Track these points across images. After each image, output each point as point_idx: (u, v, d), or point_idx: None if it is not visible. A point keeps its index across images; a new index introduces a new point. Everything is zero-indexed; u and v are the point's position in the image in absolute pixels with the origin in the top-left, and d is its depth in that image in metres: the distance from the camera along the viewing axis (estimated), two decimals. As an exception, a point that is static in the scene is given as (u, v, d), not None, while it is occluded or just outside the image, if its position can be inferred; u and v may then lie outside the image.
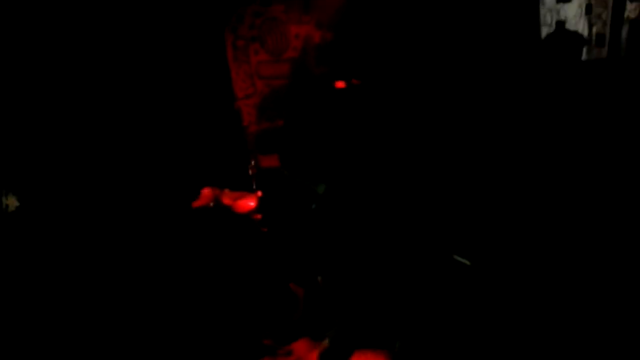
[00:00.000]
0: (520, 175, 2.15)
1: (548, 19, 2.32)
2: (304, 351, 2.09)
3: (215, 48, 3.05)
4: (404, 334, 2.05)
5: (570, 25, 2.30)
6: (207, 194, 2.62)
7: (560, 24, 2.29)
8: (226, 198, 2.66)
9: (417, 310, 2.14)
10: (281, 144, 2.51)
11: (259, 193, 2.65)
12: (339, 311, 2.19)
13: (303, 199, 2.42)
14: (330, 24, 2.79)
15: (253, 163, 2.78)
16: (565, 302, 1.90)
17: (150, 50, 2.90)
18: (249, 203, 2.58)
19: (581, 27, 2.29)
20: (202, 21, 2.98)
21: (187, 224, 2.55)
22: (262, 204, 2.59)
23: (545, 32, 2.25)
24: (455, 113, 2.37)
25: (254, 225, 2.55)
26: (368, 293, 2.20)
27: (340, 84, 2.65)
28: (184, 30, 2.94)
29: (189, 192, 2.71)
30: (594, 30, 2.28)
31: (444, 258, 2.21)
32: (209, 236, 2.50)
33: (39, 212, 2.62)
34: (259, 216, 2.58)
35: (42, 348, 2.07)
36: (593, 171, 2.02)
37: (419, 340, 2.02)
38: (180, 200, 2.70)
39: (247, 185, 2.71)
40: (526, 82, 2.23)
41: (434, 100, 2.40)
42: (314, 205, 2.34)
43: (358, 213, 2.27)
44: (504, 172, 2.17)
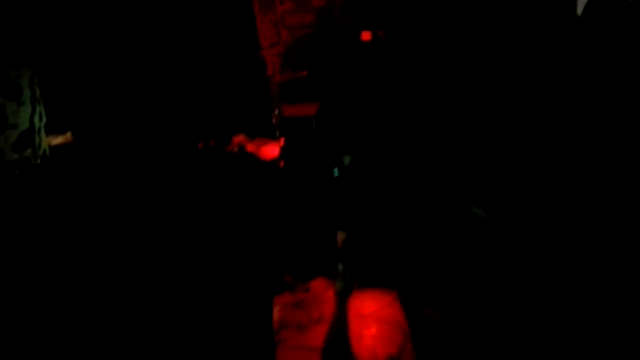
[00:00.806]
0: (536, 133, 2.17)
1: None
2: (321, 289, 2.22)
3: (241, -4, 3.06)
4: (413, 277, 2.17)
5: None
6: (234, 141, 2.71)
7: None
8: (250, 145, 2.75)
9: (431, 256, 2.24)
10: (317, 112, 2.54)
11: (282, 141, 2.72)
12: (357, 256, 2.30)
13: (329, 167, 2.48)
14: (357, -26, 2.76)
15: (277, 112, 2.84)
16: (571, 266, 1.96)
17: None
18: (272, 151, 2.66)
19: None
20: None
21: (212, 166, 2.66)
22: (285, 152, 2.67)
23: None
24: (481, 71, 2.37)
25: (276, 171, 2.64)
26: (387, 241, 2.30)
27: (366, 35, 2.64)
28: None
29: (216, 138, 2.80)
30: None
31: (462, 210, 2.29)
32: (232, 179, 2.61)
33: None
34: (282, 163, 2.67)
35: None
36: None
37: (427, 283, 2.14)
38: (207, 144, 2.80)
39: (271, 133, 2.79)
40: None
41: (460, 55, 2.40)
42: (337, 174, 2.41)
43: (382, 172, 2.33)
44: (521, 132, 2.20)
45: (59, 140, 2.98)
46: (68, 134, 2.95)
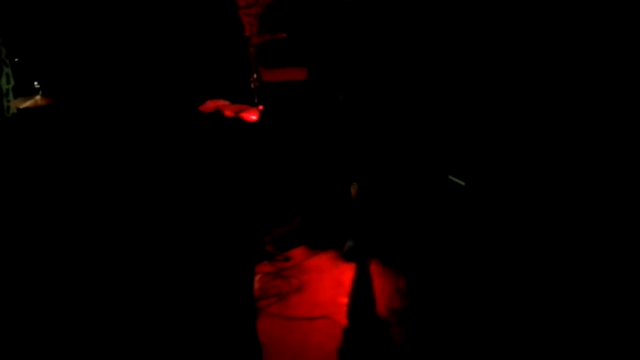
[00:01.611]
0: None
1: None
2: (301, 257, 2.24)
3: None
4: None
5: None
6: (210, 106, 2.64)
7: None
8: (228, 110, 2.69)
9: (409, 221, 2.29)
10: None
11: (261, 107, 2.67)
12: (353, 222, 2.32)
13: (325, 107, 2.44)
14: None
15: (255, 76, 2.77)
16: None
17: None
18: (251, 116, 2.61)
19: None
20: None
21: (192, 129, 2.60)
22: (264, 117, 2.62)
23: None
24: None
25: (255, 137, 2.60)
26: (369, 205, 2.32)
27: (346, -4, 2.56)
28: None
29: (192, 101, 2.73)
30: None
31: (440, 178, 2.31)
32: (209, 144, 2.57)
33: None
34: (261, 128, 2.63)
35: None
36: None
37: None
38: (183, 106, 2.72)
39: (249, 99, 2.73)
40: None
41: (441, 15, 2.35)
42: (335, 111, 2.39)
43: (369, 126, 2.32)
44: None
45: (27, 103, 2.86)
46: (37, 97, 2.83)
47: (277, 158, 2.59)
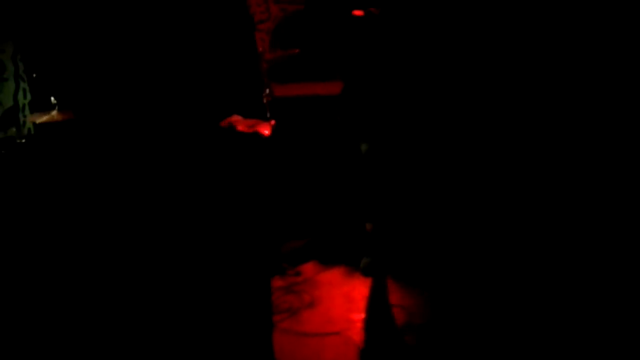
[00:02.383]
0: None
1: None
2: (312, 272, 2.23)
3: (230, -30, 2.97)
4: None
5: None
6: (224, 121, 2.66)
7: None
8: (241, 125, 2.71)
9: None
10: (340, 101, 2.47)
11: (273, 122, 2.68)
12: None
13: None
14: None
15: (267, 91, 2.79)
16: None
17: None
18: (263, 131, 2.63)
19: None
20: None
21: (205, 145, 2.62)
22: (277, 132, 2.63)
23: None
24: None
25: (267, 152, 2.61)
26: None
27: (358, 12, 2.59)
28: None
29: (206, 118, 2.76)
30: None
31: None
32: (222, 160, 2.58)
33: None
34: (274, 144, 2.64)
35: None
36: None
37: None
38: (194, 124, 2.75)
39: (262, 114, 2.74)
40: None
41: (453, 37, 2.36)
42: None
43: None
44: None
45: (44, 118, 2.91)
46: (54, 113, 2.88)
47: (289, 173, 2.60)
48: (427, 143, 2.31)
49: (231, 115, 2.71)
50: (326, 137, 2.57)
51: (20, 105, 2.95)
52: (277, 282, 2.18)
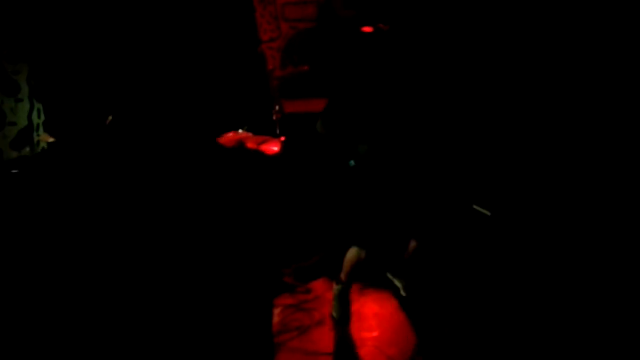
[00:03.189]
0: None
1: None
2: (322, 289, 2.19)
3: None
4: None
5: None
6: (231, 137, 2.66)
7: None
8: (250, 142, 2.71)
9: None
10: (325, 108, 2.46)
11: (283, 138, 2.68)
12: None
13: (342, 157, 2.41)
14: (359, -34, 2.69)
15: (277, 108, 2.79)
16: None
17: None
18: (272, 148, 2.62)
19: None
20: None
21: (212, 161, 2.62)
22: (286, 149, 2.62)
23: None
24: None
25: (276, 168, 2.60)
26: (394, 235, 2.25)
27: (368, 29, 2.58)
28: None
29: (213, 134, 2.76)
30: None
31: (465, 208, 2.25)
32: (232, 175, 2.57)
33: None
34: (283, 160, 2.63)
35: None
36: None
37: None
38: (205, 140, 2.76)
39: (271, 130, 2.74)
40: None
41: (464, 51, 2.34)
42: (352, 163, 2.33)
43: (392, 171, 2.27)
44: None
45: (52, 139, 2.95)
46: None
47: (300, 189, 2.58)
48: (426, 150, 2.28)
49: (240, 132, 2.72)
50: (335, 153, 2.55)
51: (35, 124, 3.00)
52: (287, 300, 2.14)
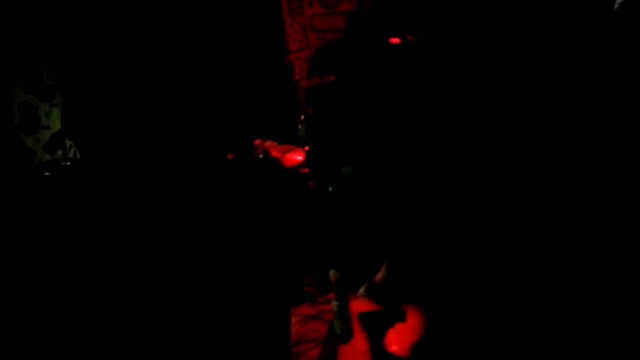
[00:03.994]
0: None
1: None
2: (343, 301, 2.17)
3: (270, -1, 3.05)
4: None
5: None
6: (260, 147, 2.68)
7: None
8: (275, 151, 2.72)
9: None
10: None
11: (307, 147, 2.68)
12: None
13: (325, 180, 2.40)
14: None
15: (303, 118, 2.80)
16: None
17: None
18: (296, 157, 2.63)
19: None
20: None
21: (239, 172, 2.65)
22: (310, 158, 2.63)
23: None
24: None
25: (300, 178, 2.61)
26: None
27: (395, 40, 2.58)
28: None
29: (240, 143, 2.79)
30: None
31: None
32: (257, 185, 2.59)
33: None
34: (306, 170, 2.63)
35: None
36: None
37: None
38: (231, 150, 2.79)
39: (297, 140, 2.75)
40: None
41: (494, 63, 2.31)
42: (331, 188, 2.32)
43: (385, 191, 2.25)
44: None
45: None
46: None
47: (323, 199, 2.58)
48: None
49: (265, 141, 2.74)
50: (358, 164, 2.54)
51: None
52: (307, 310, 2.13)
